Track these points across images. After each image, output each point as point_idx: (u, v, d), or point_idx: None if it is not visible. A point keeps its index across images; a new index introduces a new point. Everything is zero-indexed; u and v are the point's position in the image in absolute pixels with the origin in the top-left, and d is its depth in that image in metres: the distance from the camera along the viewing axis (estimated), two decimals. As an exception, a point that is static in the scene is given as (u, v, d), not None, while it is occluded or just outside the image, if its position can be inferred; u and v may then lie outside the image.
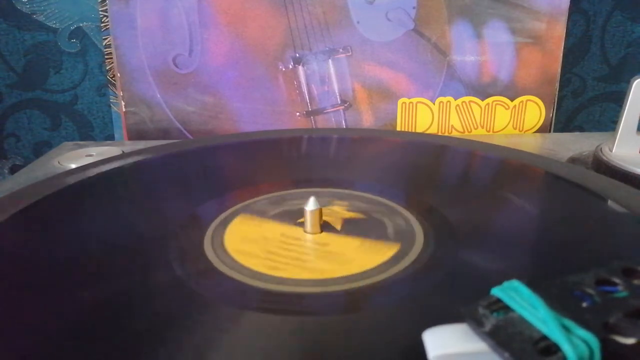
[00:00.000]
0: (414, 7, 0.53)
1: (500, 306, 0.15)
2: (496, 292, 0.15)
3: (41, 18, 0.57)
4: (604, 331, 0.14)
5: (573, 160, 0.43)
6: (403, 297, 0.21)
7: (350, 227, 0.28)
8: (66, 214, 0.30)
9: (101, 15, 0.53)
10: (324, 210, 0.29)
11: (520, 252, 0.25)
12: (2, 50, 0.57)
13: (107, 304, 0.21)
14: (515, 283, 0.15)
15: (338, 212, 0.29)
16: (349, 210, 0.30)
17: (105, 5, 0.52)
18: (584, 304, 0.15)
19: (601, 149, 0.40)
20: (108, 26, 0.52)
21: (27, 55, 0.58)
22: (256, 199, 0.31)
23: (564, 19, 0.53)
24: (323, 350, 0.18)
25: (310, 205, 0.26)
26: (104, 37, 0.53)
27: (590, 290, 0.15)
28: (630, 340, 0.14)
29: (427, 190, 0.33)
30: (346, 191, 0.32)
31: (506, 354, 0.13)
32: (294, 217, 0.29)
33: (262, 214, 0.29)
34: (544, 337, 0.13)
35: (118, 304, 0.21)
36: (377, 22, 0.53)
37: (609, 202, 0.29)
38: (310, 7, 0.52)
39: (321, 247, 0.25)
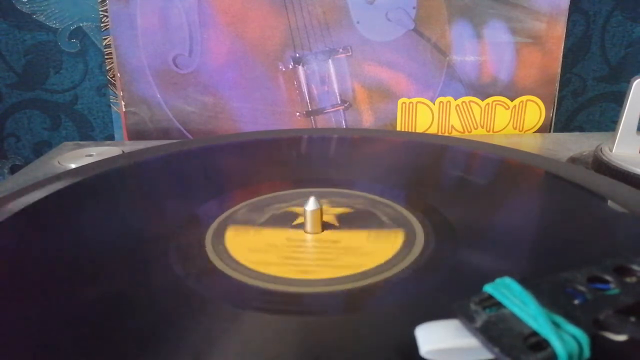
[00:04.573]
0: (414, 7, 0.53)
1: (492, 302, 0.15)
2: (488, 288, 0.15)
3: (41, 18, 0.57)
4: (594, 328, 0.14)
5: (573, 160, 0.43)
6: (403, 296, 0.22)
7: (347, 222, 0.28)
8: (66, 214, 0.30)
9: (101, 15, 0.53)
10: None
11: (520, 251, 0.26)
12: (2, 50, 0.58)
13: (107, 303, 0.21)
14: (507, 280, 0.15)
15: (328, 210, 0.30)
16: (335, 207, 0.30)
17: (105, 5, 0.52)
18: (576, 301, 0.15)
19: (601, 149, 0.40)
20: (108, 26, 0.52)
21: (27, 55, 0.58)
22: (236, 207, 0.30)
23: (564, 19, 0.53)
24: (323, 350, 0.18)
25: (310, 205, 0.26)
26: (104, 37, 0.53)
27: (582, 288, 0.15)
28: (621, 337, 0.14)
29: (427, 190, 0.33)
30: (332, 189, 0.32)
31: (496, 349, 0.13)
32: (285, 220, 0.28)
33: (251, 222, 0.29)
34: (534, 333, 0.13)
35: (118, 304, 0.21)
36: (377, 22, 0.53)
37: (609, 202, 0.29)
38: (310, 7, 0.52)
39: (335, 244, 0.26)
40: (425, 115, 0.55)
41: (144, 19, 0.52)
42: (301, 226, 0.27)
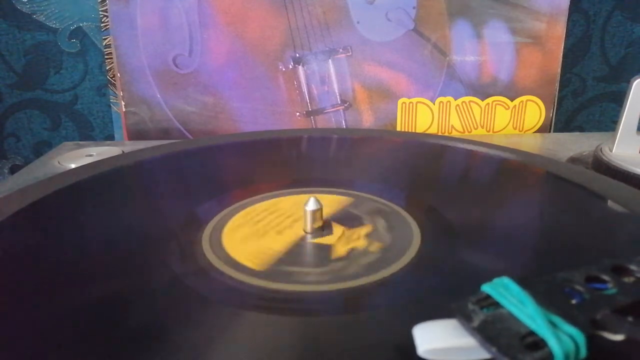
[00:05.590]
0: (414, 7, 0.53)
1: (489, 302, 0.15)
2: (486, 288, 0.15)
3: (41, 18, 0.57)
4: (591, 327, 0.14)
5: (573, 160, 0.43)
6: (401, 296, 0.22)
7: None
8: (66, 214, 0.30)
9: (101, 15, 0.53)
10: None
11: (519, 251, 0.25)
12: (2, 50, 0.58)
13: (106, 303, 0.21)
14: (505, 280, 0.15)
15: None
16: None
17: (105, 5, 0.52)
18: (573, 301, 0.15)
19: (601, 149, 0.40)
20: (108, 26, 0.52)
21: (27, 55, 0.58)
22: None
23: (564, 19, 0.53)
24: (321, 349, 0.18)
25: (311, 205, 0.26)
26: (104, 37, 0.53)
27: (579, 287, 0.15)
28: (618, 337, 0.14)
29: (427, 190, 0.33)
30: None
31: (493, 349, 0.13)
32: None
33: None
34: (532, 333, 0.13)
35: (117, 304, 0.21)
36: (377, 22, 0.53)
37: (609, 202, 0.29)
38: (310, 7, 0.52)
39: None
40: (425, 115, 0.55)
41: (144, 19, 0.52)
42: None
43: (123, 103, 0.53)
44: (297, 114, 0.55)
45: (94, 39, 0.58)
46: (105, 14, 0.52)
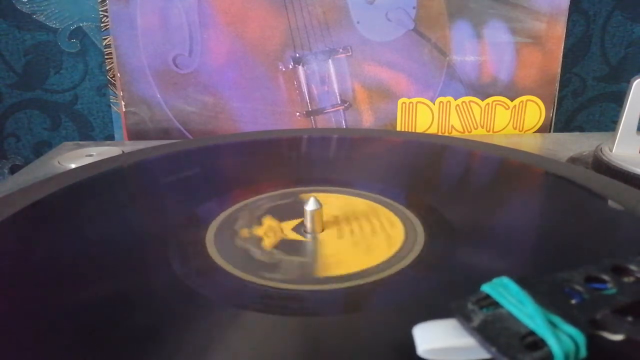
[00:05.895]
0: (414, 7, 0.53)
1: (489, 302, 0.15)
2: (486, 288, 0.15)
3: (41, 18, 0.57)
4: (591, 327, 0.14)
5: (573, 160, 0.43)
6: (401, 296, 0.22)
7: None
8: (66, 214, 0.30)
9: (101, 15, 0.53)
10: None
11: (519, 251, 0.25)
12: (2, 50, 0.58)
13: (107, 303, 0.21)
14: (505, 279, 0.15)
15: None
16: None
17: (105, 5, 0.52)
18: (573, 301, 0.15)
19: (601, 149, 0.40)
20: (108, 26, 0.52)
21: (27, 55, 0.58)
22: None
23: (564, 19, 0.53)
24: (323, 350, 0.18)
25: (311, 205, 0.26)
26: (104, 37, 0.53)
27: (579, 287, 0.15)
28: (617, 337, 0.14)
29: (427, 190, 0.33)
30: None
31: (493, 349, 0.13)
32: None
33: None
34: (531, 333, 0.13)
35: (118, 304, 0.21)
36: (377, 22, 0.53)
37: (609, 202, 0.29)
38: (310, 7, 0.52)
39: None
40: (425, 115, 0.55)
41: (144, 19, 0.52)
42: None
43: (123, 103, 0.53)
44: (297, 114, 0.55)
45: (94, 39, 0.58)
46: (105, 14, 0.52)
